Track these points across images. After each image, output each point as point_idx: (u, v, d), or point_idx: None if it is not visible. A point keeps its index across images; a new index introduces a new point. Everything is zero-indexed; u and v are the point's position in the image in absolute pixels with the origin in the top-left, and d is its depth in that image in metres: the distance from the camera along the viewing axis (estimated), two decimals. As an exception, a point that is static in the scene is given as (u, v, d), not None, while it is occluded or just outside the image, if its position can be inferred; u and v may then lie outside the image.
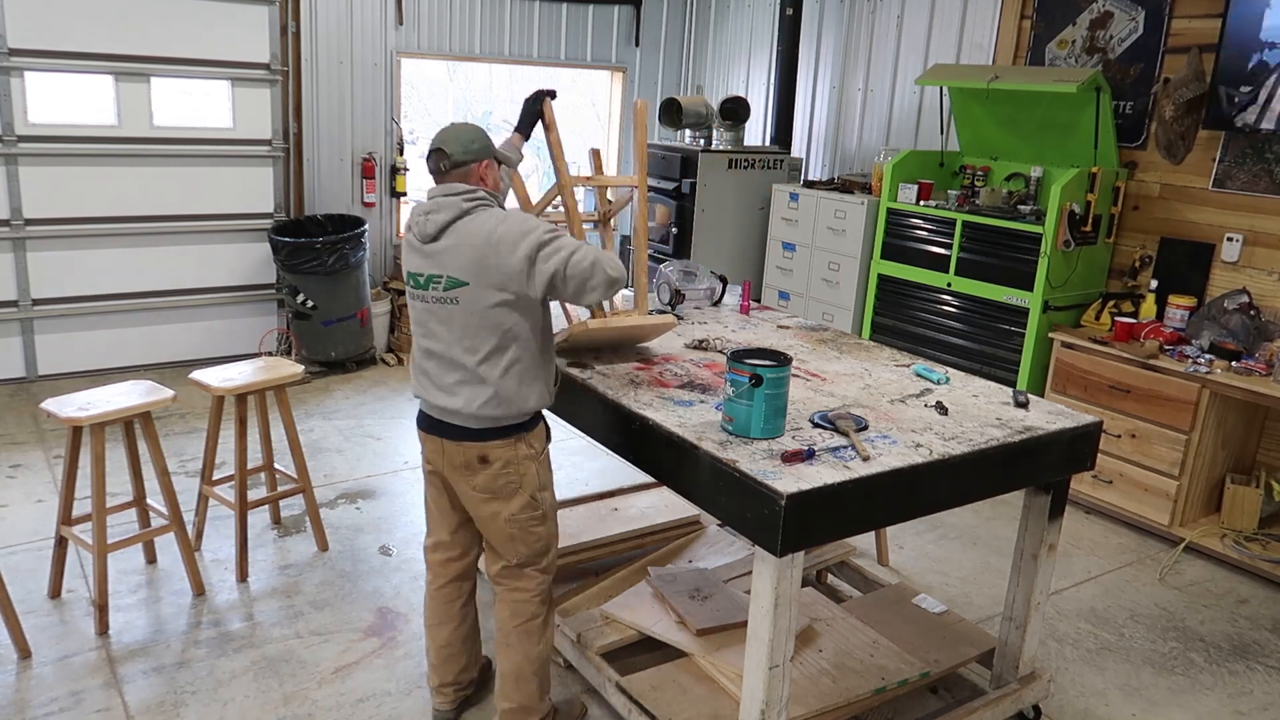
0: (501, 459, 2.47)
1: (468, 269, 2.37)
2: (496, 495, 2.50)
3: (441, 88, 14.26)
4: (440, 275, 2.41)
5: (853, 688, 2.72)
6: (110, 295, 5.64)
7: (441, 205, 2.42)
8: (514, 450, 2.48)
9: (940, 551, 4.10)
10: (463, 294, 2.38)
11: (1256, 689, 3.26)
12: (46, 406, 3.15)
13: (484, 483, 2.50)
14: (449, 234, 2.40)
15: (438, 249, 2.41)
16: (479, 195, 2.44)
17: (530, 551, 2.57)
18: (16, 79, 5.15)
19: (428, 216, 2.43)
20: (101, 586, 3.16)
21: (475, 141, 2.49)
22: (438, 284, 2.42)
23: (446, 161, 2.47)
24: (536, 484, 2.53)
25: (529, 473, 2.51)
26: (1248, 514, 4.18)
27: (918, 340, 5.18)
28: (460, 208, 2.40)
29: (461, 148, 2.47)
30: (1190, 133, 4.52)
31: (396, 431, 5.12)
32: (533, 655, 2.61)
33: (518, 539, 2.55)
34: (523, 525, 2.53)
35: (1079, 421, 2.65)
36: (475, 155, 2.48)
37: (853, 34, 6.25)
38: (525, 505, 2.52)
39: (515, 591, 2.61)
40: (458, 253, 2.38)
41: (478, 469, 2.48)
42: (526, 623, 2.60)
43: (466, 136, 2.49)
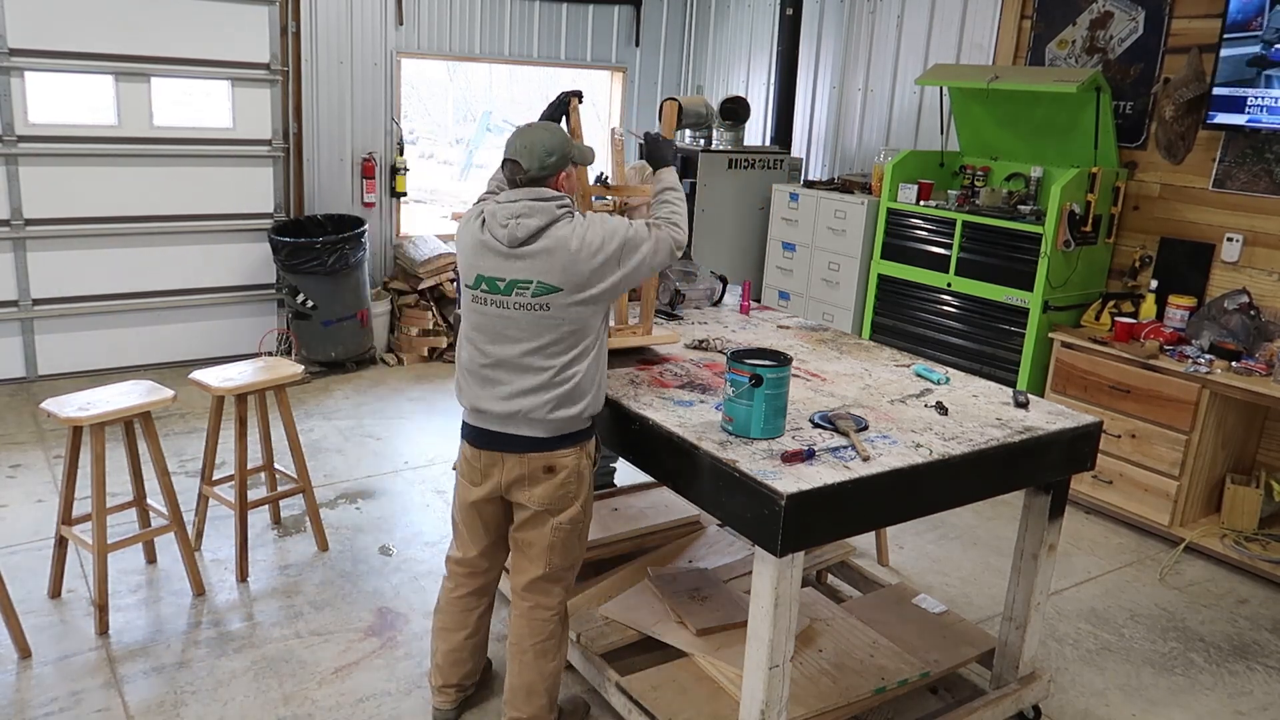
0: (568, 467, 2.47)
1: (560, 275, 2.34)
2: (555, 506, 2.49)
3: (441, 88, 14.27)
4: (529, 281, 2.36)
5: (853, 688, 2.72)
6: (110, 295, 5.65)
7: (534, 210, 2.38)
8: (578, 458, 2.48)
9: (940, 551, 4.10)
10: (554, 300, 2.36)
11: (1256, 689, 3.26)
12: (46, 406, 3.15)
13: (546, 493, 2.47)
14: (542, 239, 2.36)
15: (528, 253, 2.36)
16: (565, 203, 2.43)
17: (562, 565, 2.55)
18: (16, 79, 5.15)
19: (518, 220, 2.37)
20: (101, 586, 3.16)
21: (553, 154, 2.43)
22: (524, 289, 2.37)
23: (523, 175, 2.43)
24: (589, 492, 2.55)
25: (587, 479, 2.53)
26: (1248, 514, 4.18)
27: (918, 340, 5.18)
28: (553, 214, 2.38)
29: (539, 163, 2.42)
30: (1190, 133, 4.52)
31: (396, 431, 5.12)
32: (546, 672, 2.59)
33: (558, 549, 2.52)
34: (566, 536, 2.52)
35: (1079, 421, 2.65)
36: (553, 169, 2.45)
37: (853, 34, 6.25)
38: (575, 516, 2.52)
39: (537, 609, 2.57)
40: (550, 258, 2.35)
41: (542, 479, 2.46)
42: (544, 641, 2.57)
43: (544, 149, 2.42)
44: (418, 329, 6.33)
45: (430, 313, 6.39)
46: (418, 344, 6.32)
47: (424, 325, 6.35)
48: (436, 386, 5.87)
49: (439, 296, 6.48)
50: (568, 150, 2.49)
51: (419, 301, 6.45)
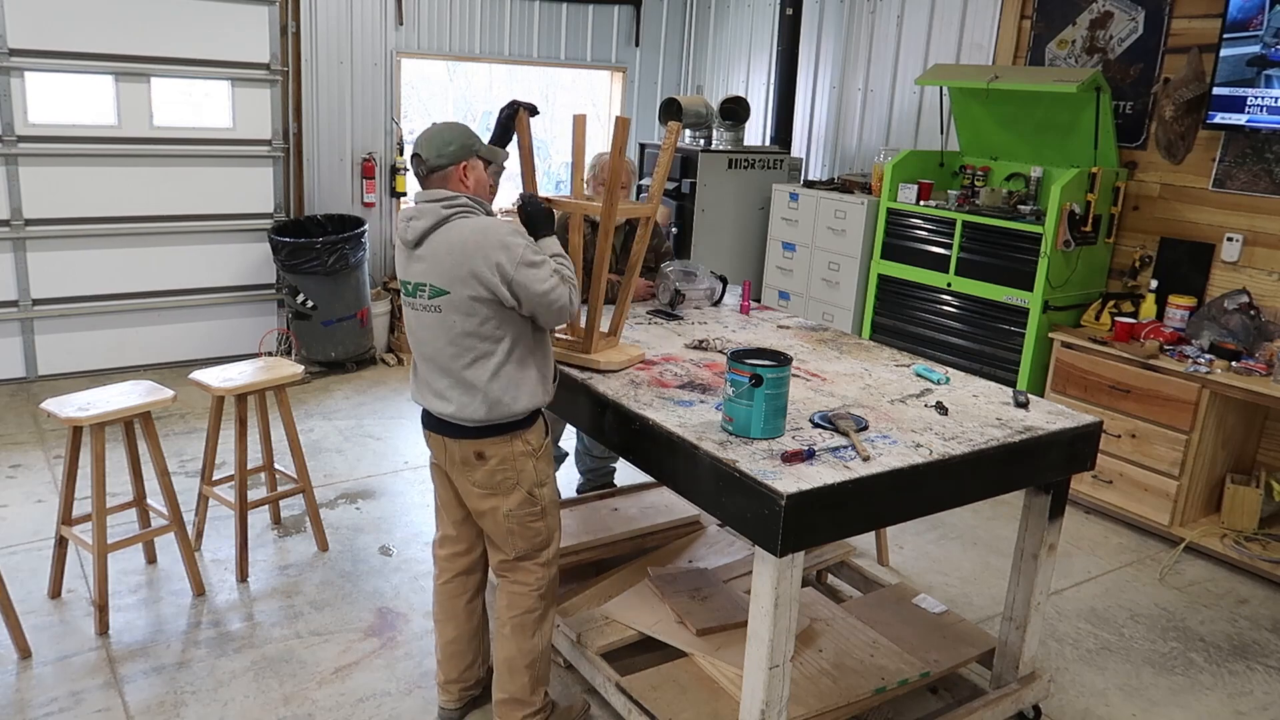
0: (498, 455, 2.48)
1: (447, 277, 2.36)
2: (495, 491, 2.51)
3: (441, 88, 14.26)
4: (425, 284, 2.41)
5: (853, 688, 2.72)
6: (110, 295, 5.65)
7: (422, 212, 2.41)
8: (510, 447, 2.49)
9: (940, 551, 4.10)
10: (444, 302, 2.38)
11: (1256, 689, 3.26)
12: (46, 406, 3.15)
13: (482, 479, 2.51)
14: (429, 242, 2.39)
15: (420, 256, 2.41)
16: (459, 202, 2.41)
17: (529, 546, 2.58)
18: (16, 79, 5.15)
19: (409, 223, 2.42)
20: (101, 586, 3.16)
21: (451, 144, 2.44)
22: (423, 292, 2.42)
23: (423, 167, 2.45)
24: (534, 479, 2.53)
25: (526, 468, 2.52)
26: (1248, 514, 4.18)
27: (918, 340, 5.18)
28: (439, 215, 2.39)
29: (435, 151, 2.43)
30: (1190, 133, 4.52)
31: (396, 431, 5.12)
32: (525, 649, 2.61)
33: (516, 534, 2.56)
34: (521, 520, 2.54)
35: (1079, 421, 2.65)
36: (452, 158, 2.44)
37: (853, 34, 6.25)
38: (523, 501, 2.53)
39: (515, 585, 2.61)
40: (437, 261, 2.37)
41: (476, 465, 2.50)
42: (521, 615, 2.60)
43: (442, 139, 2.45)
44: (418, 329, 6.32)
45: (430, 313, 6.38)
46: (418, 344, 6.31)
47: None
48: (436, 386, 5.86)
49: (439, 296, 6.47)
50: (469, 142, 2.47)
51: (419, 301, 6.44)
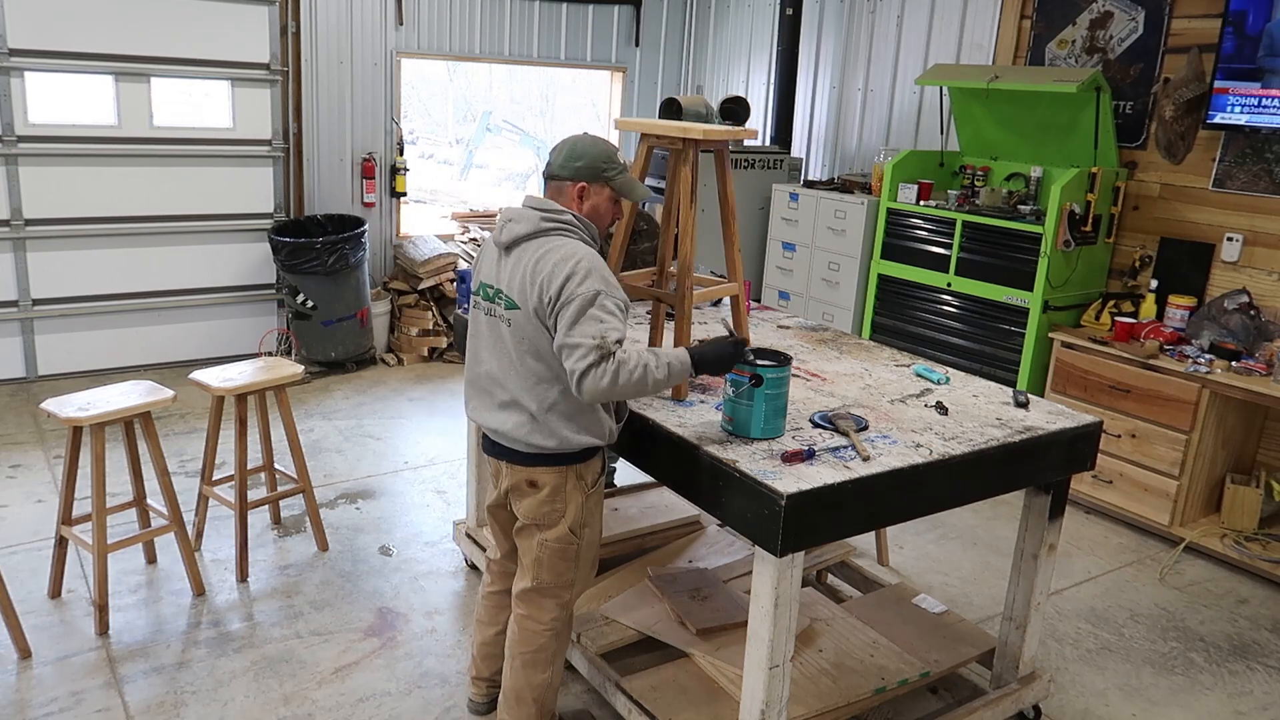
0: (550, 485, 2.40)
1: (521, 293, 2.27)
2: (539, 522, 2.44)
3: (441, 88, 14.27)
4: (503, 292, 2.32)
5: (853, 688, 2.72)
6: (110, 295, 5.64)
7: (522, 217, 2.32)
8: (563, 479, 2.40)
9: (940, 551, 4.10)
10: (515, 317, 2.30)
11: (1256, 689, 3.26)
12: (46, 406, 3.15)
13: (530, 507, 2.43)
14: (519, 250, 2.30)
15: (507, 261, 2.32)
16: (563, 219, 2.31)
17: (553, 581, 2.49)
18: (16, 79, 5.15)
19: (507, 224, 2.33)
20: (101, 586, 3.16)
21: (580, 159, 2.34)
22: (500, 300, 2.33)
23: (546, 170, 2.38)
24: (580, 518, 2.44)
25: (574, 504, 2.43)
26: (1248, 514, 4.18)
27: (918, 340, 5.18)
28: (537, 225, 2.29)
29: (562, 160, 2.35)
30: (1190, 133, 4.52)
31: (396, 431, 5.12)
32: (534, 683, 2.55)
33: (544, 565, 2.47)
34: (553, 554, 2.46)
35: (1079, 421, 2.65)
36: (574, 174, 2.34)
37: (853, 34, 6.25)
38: (562, 536, 2.44)
39: (528, 619, 2.54)
40: (520, 272, 2.28)
41: (525, 492, 2.43)
42: (534, 652, 2.54)
43: (574, 151, 2.35)
44: (418, 329, 6.33)
45: (430, 313, 6.39)
46: (418, 344, 6.32)
47: (424, 325, 6.35)
48: (436, 387, 5.87)
49: (439, 296, 6.48)
50: (600, 165, 2.35)
51: (419, 301, 6.45)
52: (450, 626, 3.34)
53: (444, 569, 3.72)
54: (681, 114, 3.10)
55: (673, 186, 2.70)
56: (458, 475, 4.57)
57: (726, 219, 2.80)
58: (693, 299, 2.62)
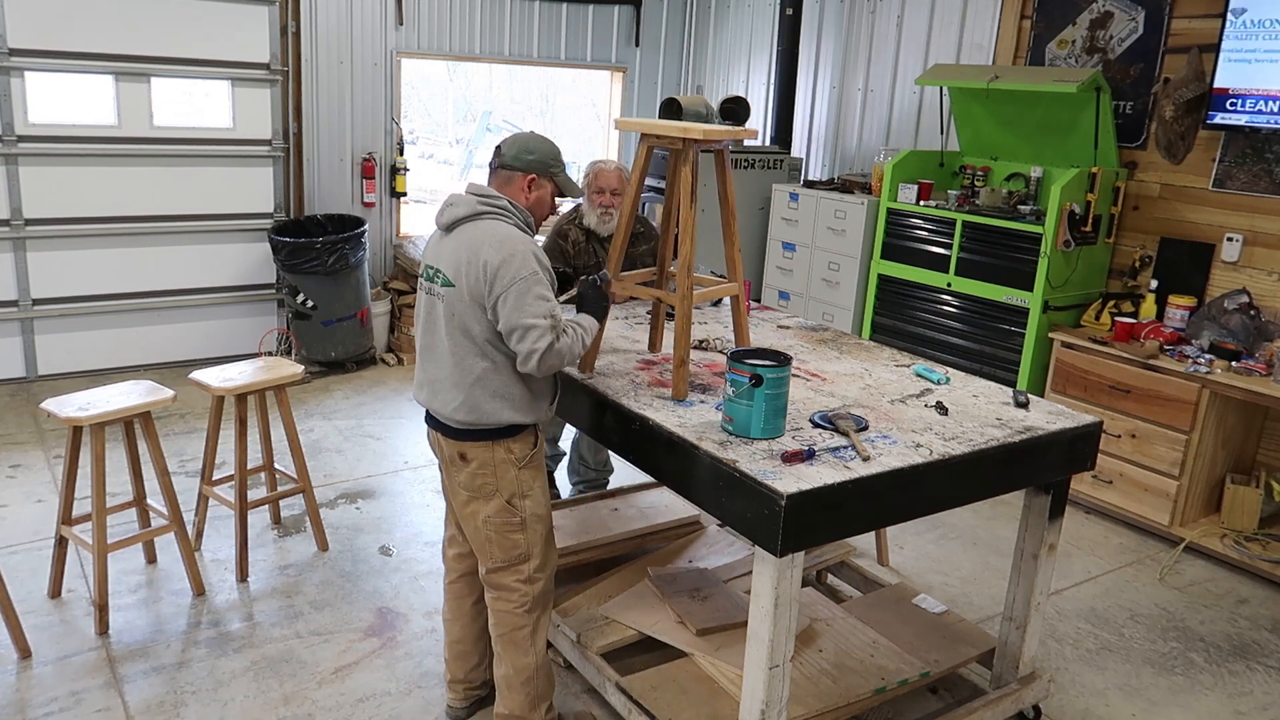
0: (478, 459, 2.46)
1: (457, 271, 2.36)
2: (476, 495, 2.50)
3: (441, 88, 14.27)
4: (440, 271, 2.42)
5: (853, 688, 2.72)
6: (110, 295, 5.65)
7: (460, 201, 2.42)
8: (491, 452, 2.46)
9: (940, 551, 4.10)
10: (449, 294, 2.39)
11: (1256, 689, 3.26)
12: (46, 406, 3.15)
13: (465, 480, 2.50)
14: (457, 232, 2.40)
15: (445, 242, 2.42)
16: (498, 203, 2.41)
17: (506, 558, 2.53)
18: (16, 79, 5.15)
19: (447, 208, 2.44)
20: (101, 586, 3.16)
21: (534, 154, 2.46)
22: (437, 278, 2.43)
23: (496, 159, 2.47)
24: (515, 490, 2.49)
25: (507, 476, 2.48)
26: (1248, 514, 4.18)
27: (918, 340, 5.18)
28: (474, 208, 2.39)
29: (514, 152, 2.46)
30: (1190, 133, 4.52)
31: (396, 431, 5.12)
32: (519, 666, 2.58)
33: (493, 542, 2.52)
34: (498, 529, 2.50)
35: (1079, 421, 2.65)
36: (525, 166, 2.46)
37: (853, 34, 6.25)
38: (501, 509, 2.49)
39: (499, 600, 2.58)
40: (454, 253, 2.38)
41: (460, 465, 2.49)
42: (510, 633, 2.57)
43: (526, 145, 2.47)
44: (418, 329, 6.33)
45: (430, 313, 6.38)
46: (418, 344, 6.31)
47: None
48: (436, 386, 5.86)
49: (439, 296, 6.47)
50: (549, 161, 2.49)
51: (419, 301, 6.44)
52: (450, 626, 3.34)
53: (443, 574, 3.71)
54: (681, 114, 3.10)
55: (673, 186, 2.71)
56: (458, 475, 4.57)
57: (726, 219, 2.81)
58: (693, 299, 2.62)
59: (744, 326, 2.85)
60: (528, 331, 2.30)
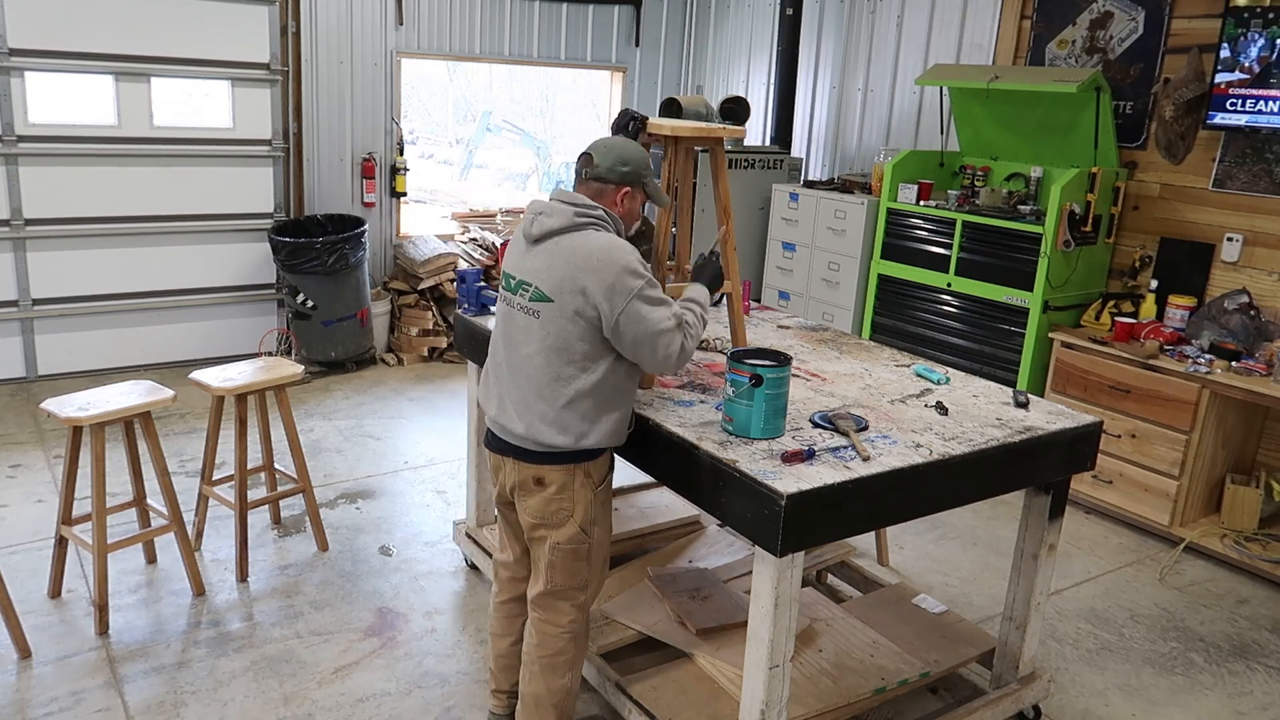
0: (557, 483, 2.38)
1: (555, 286, 2.27)
2: (548, 522, 2.41)
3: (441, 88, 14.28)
4: (531, 284, 2.32)
5: (853, 688, 2.72)
6: (110, 295, 5.65)
7: (554, 210, 2.33)
8: (571, 476, 2.38)
9: (940, 551, 4.10)
10: (546, 309, 2.29)
11: (1256, 689, 3.26)
12: (46, 406, 3.15)
13: (537, 506, 2.41)
14: (551, 243, 2.31)
15: (537, 254, 2.32)
16: (596, 213, 2.33)
17: (567, 584, 2.47)
18: (16, 79, 5.15)
19: (537, 217, 2.34)
20: (101, 586, 3.16)
21: (628, 164, 2.38)
22: (526, 291, 2.34)
23: (590, 170, 2.39)
24: (589, 515, 2.43)
25: (584, 501, 2.41)
26: (1248, 514, 4.18)
27: (918, 340, 5.18)
28: (571, 220, 2.30)
29: (610, 163, 2.38)
30: (1190, 133, 4.52)
31: (396, 431, 5.12)
32: (554, 688, 2.52)
33: (557, 568, 2.45)
34: (566, 556, 2.43)
35: (1079, 422, 2.65)
36: (620, 178, 2.39)
37: (853, 34, 6.25)
38: (573, 536, 2.42)
39: (545, 623, 2.51)
40: (551, 266, 2.28)
41: (532, 490, 2.40)
42: (552, 656, 2.51)
43: (622, 155, 2.39)
44: (418, 329, 6.33)
45: (430, 313, 6.39)
46: (418, 344, 6.32)
47: (424, 325, 6.35)
48: (436, 387, 5.87)
49: (439, 296, 6.48)
50: (643, 171, 2.41)
51: (419, 301, 6.45)
52: (450, 627, 3.34)
53: (444, 569, 3.72)
54: (681, 114, 3.10)
55: (668, 184, 2.72)
56: (458, 475, 4.57)
57: (722, 218, 2.81)
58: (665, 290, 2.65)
59: (740, 326, 2.85)
60: (659, 338, 2.25)
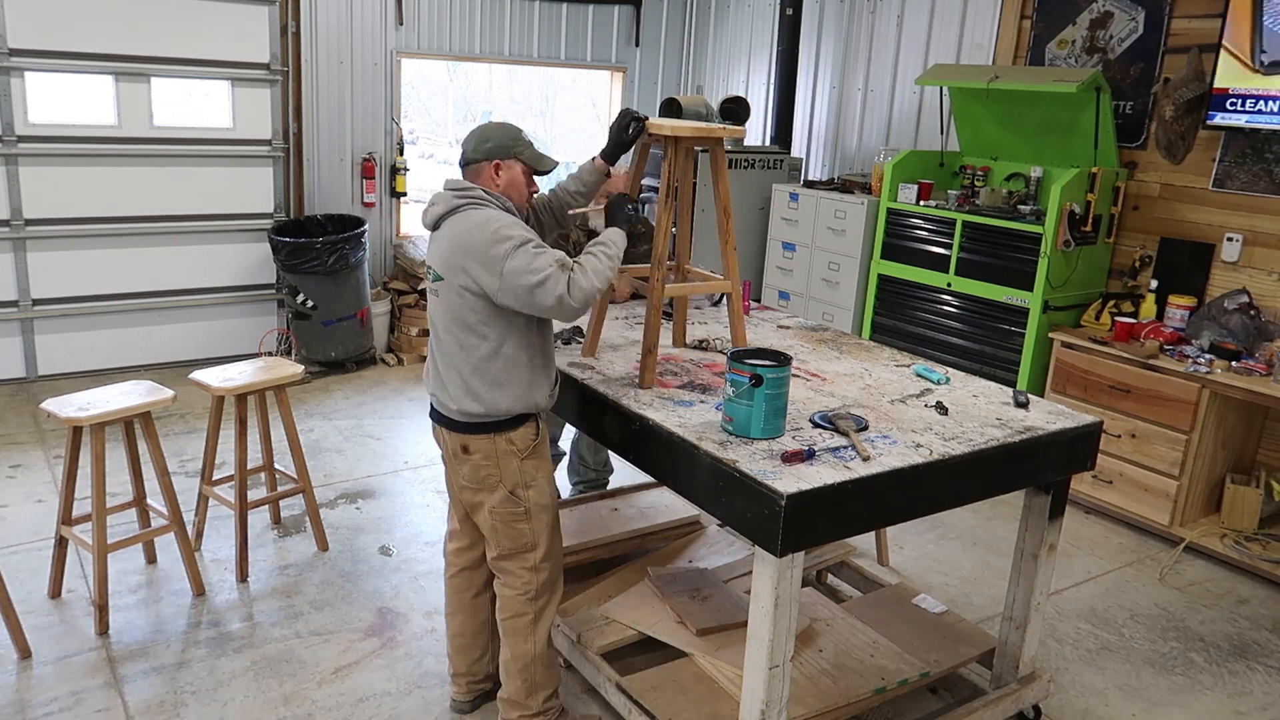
0: (481, 451, 2.51)
1: (445, 264, 2.43)
2: (480, 487, 2.54)
3: (441, 88, 14.27)
4: (431, 267, 2.50)
5: (853, 688, 2.72)
6: (110, 295, 5.65)
7: (438, 199, 2.51)
8: (493, 444, 2.50)
9: (940, 551, 4.10)
10: (441, 288, 2.45)
11: (1256, 689, 3.26)
12: (46, 406, 3.15)
13: (468, 473, 2.55)
14: (442, 228, 2.48)
15: (434, 239, 2.50)
16: (473, 193, 2.48)
17: (512, 546, 2.58)
18: (16, 79, 5.15)
19: (430, 208, 2.53)
20: (101, 586, 3.16)
21: (489, 140, 2.54)
22: (429, 274, 2.52)
23: (460, 158, 2.57)
24: (518, 480, 2.53)
25: (510, 467, 2.52)
26: (1248, 514, 4.18)
27: (918, 340, 5.18)
28: (451, 203, 2.47)
29: (473, 145, 2.55)
30: (1190, 133, 4.52)
31: (396, 431, 5.12)
32: (520, 653, 2.63)
33: (500, 531, 2.57)
34: (504, 519, 2.55)
35: (1079, 421, 2.65)
36: (485, 154, 2.54)
37: (853, 34, 6.25)
38: (505, 499, 2.53)
39: (504, 586, 2.63)
40: (439, 247, 2.46)
41: (463, 459, 2.54)
42: (512, 619, 2.62)
43: (482, 135, 2.56)
44: (418, 329, 6.33)
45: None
46: (418, 344, 6.32)
47: (424, 325, 6.35)
48: (436, 386, 5.87)
49: (439, 296, 6.48)
50: (508, 143, 2.55)
51: (419, 301, 6.45)
52: (450, 626, 3.34)
53: (444, 569, 3.71)
54: (681, 114, 3.10)
55: (668, 184, 2.72)
56: (458, 475, 4.57)
57: (721, 218, 2.81)
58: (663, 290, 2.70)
59: (740, 326, 2.85)
60: (539, 288, 2.31)
